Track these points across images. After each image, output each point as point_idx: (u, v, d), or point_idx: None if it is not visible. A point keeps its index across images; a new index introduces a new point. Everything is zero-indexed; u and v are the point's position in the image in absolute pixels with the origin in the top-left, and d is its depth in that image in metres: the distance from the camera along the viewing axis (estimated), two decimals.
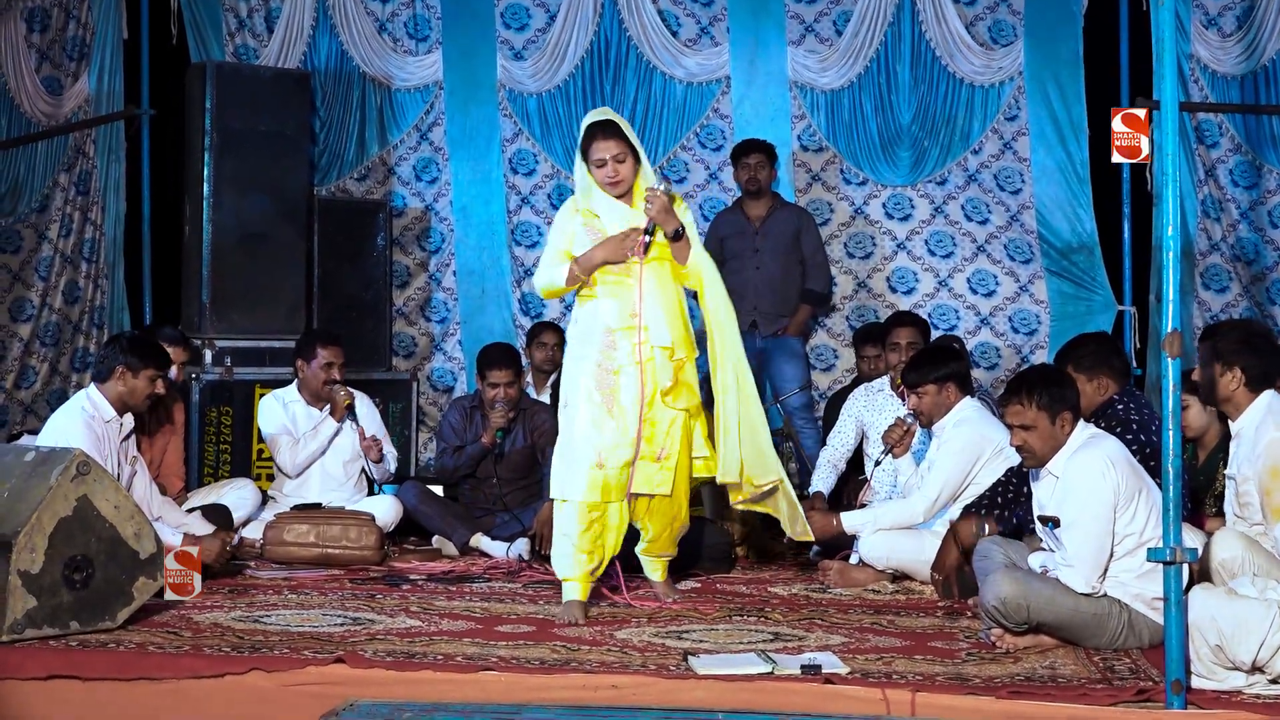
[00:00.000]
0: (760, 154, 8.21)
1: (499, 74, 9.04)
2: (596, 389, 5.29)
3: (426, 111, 9.10)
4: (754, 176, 8.19)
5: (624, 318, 5.32)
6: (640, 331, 5.29)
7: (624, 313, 5.32)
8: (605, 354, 5.31)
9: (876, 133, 8.75)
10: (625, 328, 5.31)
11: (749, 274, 8.14)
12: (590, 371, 5.30)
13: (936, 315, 8.61)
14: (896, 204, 8.80)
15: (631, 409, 5.26)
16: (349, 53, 9.09)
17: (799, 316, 8.22)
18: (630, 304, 5.32)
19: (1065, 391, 4.83)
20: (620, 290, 5.35)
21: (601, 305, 5.36)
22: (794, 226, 8.22)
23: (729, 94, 8.89)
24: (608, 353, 5.31)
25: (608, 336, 5.32)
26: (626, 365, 5.29)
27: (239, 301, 8.04)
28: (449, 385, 9.10)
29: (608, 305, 5.34)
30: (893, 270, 8.77)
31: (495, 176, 9.06)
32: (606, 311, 5.34)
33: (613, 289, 5.36)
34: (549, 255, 5.45)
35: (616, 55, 8.94)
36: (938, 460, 5.98)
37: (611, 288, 5.36)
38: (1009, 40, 8.70)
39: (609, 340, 5.32)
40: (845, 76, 8.77)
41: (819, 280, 8.30)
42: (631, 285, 5.32)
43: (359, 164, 9.10)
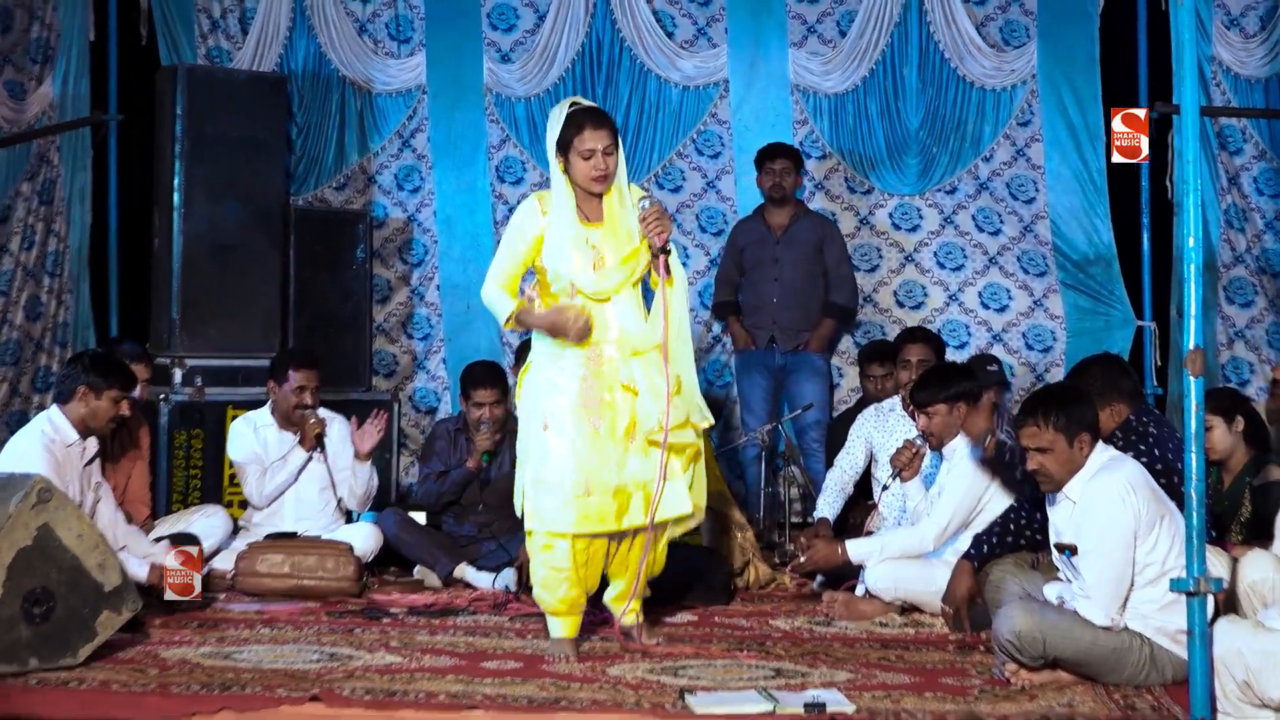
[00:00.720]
0: (786, 159, 8.24)
1: (485, 77, 9.06)
2: (583, 407, 5.17)
3: (409, 117, 9.12)
4: (778, 183, 8.21)
5: (613, 330, 5.20)
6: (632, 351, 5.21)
7: (613, 326, 5.20)
8: (592, 368, 5.20)
9: (883, 139, 8.80)
10: (615, 341, 5.21)
11: (767, 285, 8.19)
12: (574, 389, 5.18)
13: (946, 331, 8.63)
14: (904, 214, 8.82)
15: (626, 432, 5.17)
16: (327, 55, 9.12)
17: (821, 331, 8.22)
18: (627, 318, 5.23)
19: (1083, 411, 4.82)
20: (619, 300, 5.22)
21: (592, 310, 5.21)
22: (817, 236, 8.25)
23: (727, 98, 8.92)
24: (594, 367, 5.20)
25: (595, 349, 5.20)
26: (617, 384, 5.19)
27: (211, 317, 8.02)
28: (432, 406, 9.10)
29: (599, 312, 5.20)
30: (900, 284, 8.79)
31: (481, 185, 9.07)
32: (597, 320, 5.20)
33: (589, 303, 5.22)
34: (498, 268, 5.29)
35: (609, 57, 8.98)
36: (948, 485, 5.96)
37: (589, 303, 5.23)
38: (1021, 41, 8.73)
39: (596, 353, 5.21)
40: (850, 80, 8.81)
41: (843, 293, 8.30)
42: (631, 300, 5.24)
43: (338, 172, 9.11)
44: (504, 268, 5.29)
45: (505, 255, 5.31)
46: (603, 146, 5.14)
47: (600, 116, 5.20)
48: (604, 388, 5.17)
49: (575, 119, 5.16)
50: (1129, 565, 4.63)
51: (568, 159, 5.18)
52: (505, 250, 5.31)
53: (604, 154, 5.14)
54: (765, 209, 8.34)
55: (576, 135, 5.14)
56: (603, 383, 5.17)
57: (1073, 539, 4.72)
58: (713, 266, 8.82)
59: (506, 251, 5.30)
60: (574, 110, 5.20)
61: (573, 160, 5.17)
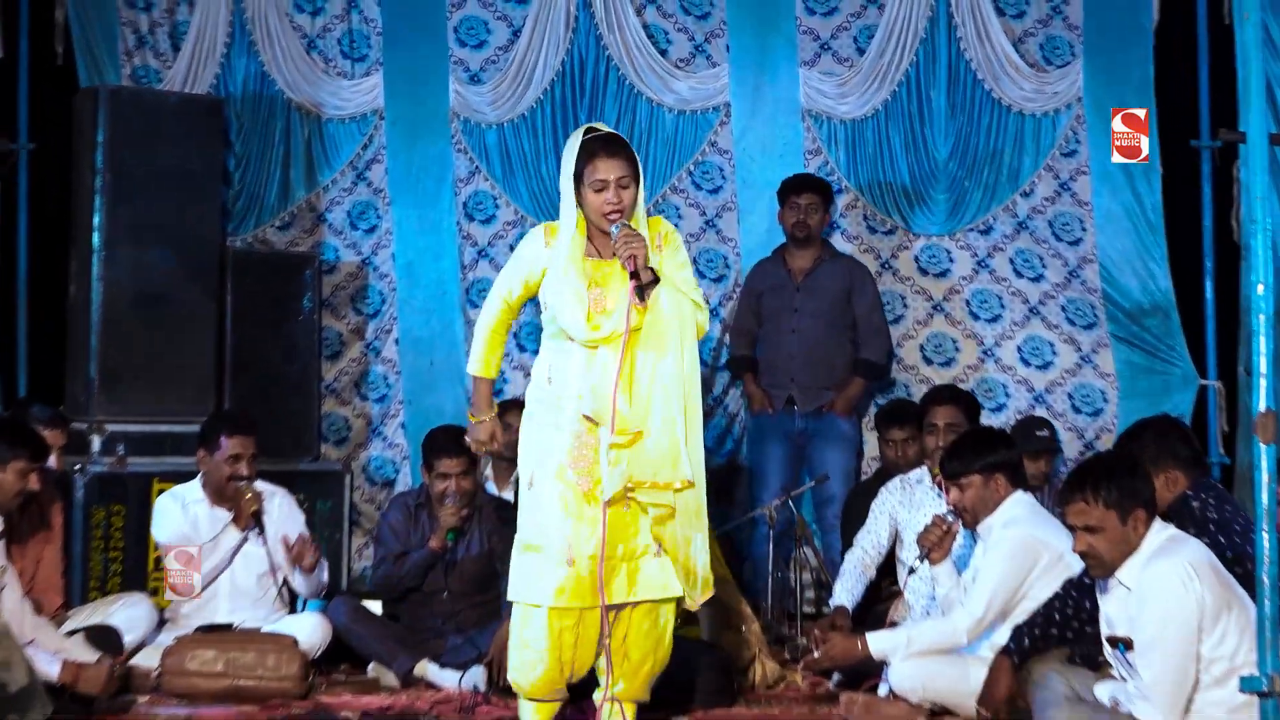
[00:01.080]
0: (814, 194, 8.28)
1: (452, 101, 9.06)
2: (571, 467, 5.22)
3: (364, 146, 9.13)
4: (803, 220, 8.26)
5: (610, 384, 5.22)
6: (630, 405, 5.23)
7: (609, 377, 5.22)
8: (585, 423, 5.25)
9: (907, 171, 8.84)
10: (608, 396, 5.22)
11: (784, 338, 8.24)
12: (565, 445, 5.24)
13: (981, 391, 8.61)
14: (931, 257, 8.87)
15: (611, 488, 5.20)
16: (271, 75, 9.09)
17: (849, 391, 8.23)
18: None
19: (1137, 484, 4.83)
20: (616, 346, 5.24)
21: (574, 360, 5.28)
22: (843, 282, 8.28)
23: (729, 124, 8.96)
24: (588, 423, 5.25)
25: (580, 401, 5.26)
26: (607, 442, 5.20)
27: (134, 376, 8.00)
28: (389, 478, 9.07)
29: (599, 358, 5.25)
30: (927, 337, 8.82)
31: (447, 225, 9.08)
32: (595, 369, 5.25)
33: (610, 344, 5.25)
34: (493, 298, 5.46)
35: (593, 78, 9.00)
36: (984, 568, 5.92)
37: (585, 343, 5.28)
38: (1065, 60, 8.77)
39: (582, 405, 5.26)
40: (869, 104, 8.85)
41: (874, 348, 8.32)
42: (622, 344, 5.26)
43: (282, 209, 9.10)
44: (498, 298, 5.43)
45: (503, 284, 5.44)
46: (616, 178, 5.21)
47: (616, 145, 5.29)
48: (597, 446, 5.21)
49: (589, 147, 5.26)
50: (1192, 661, 4.60)
51: (580, 191, 5.27)
52: (503, 279, 5.44)
53: (618, 186, 5.21)
54: (786, 250, 8.39)
55: (588, 164, 5.24)
56: (597, 440, 5.21)
57: (1128, 631, 4.70)
58: (712, 319, 8.82)
59: (504, 280, 5.43)
60: (590, 138, 5.29)
61: (585, 193, 5.26)
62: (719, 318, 8.86)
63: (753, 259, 8.72)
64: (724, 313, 8.90)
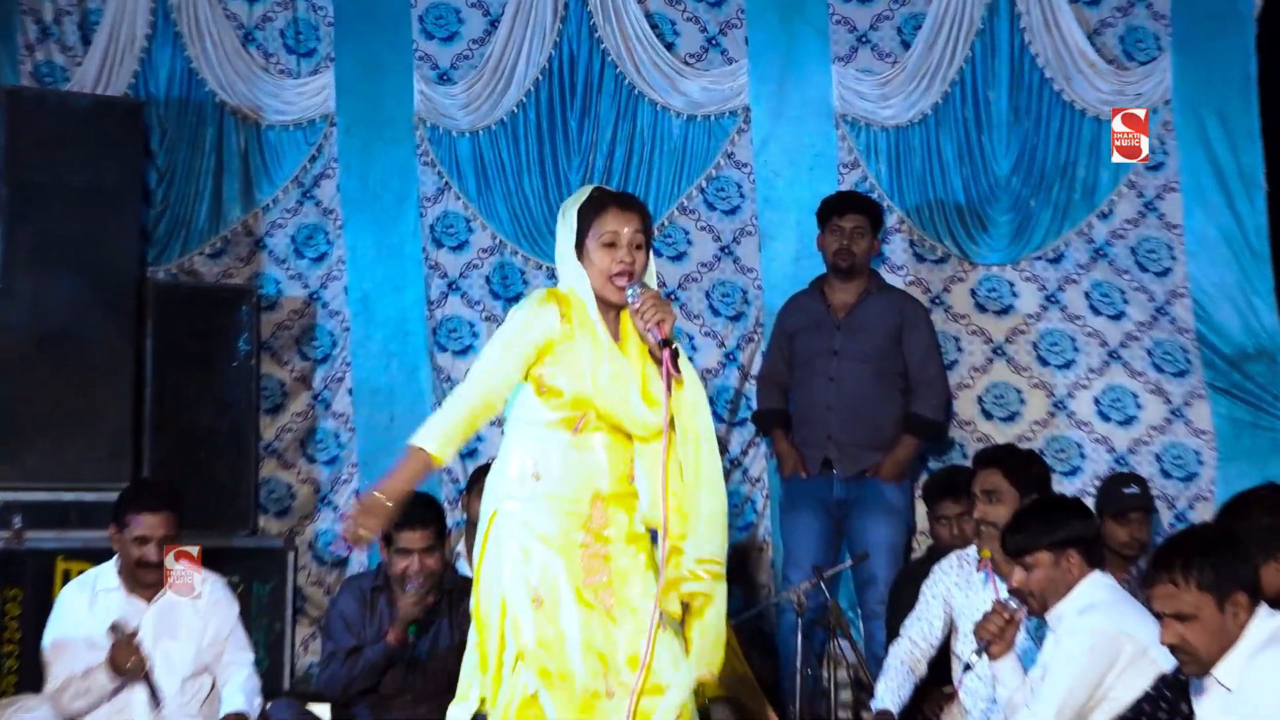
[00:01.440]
0: (860, 215, 8.31)
1: (417, 103, 9.14)
2: (585, 582, 5.24)
3: (311, 158, 9.21)
4: (846, 248, 8.27)
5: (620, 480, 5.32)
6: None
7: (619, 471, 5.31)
8: (591, 528, 5.30)
9: (961, 188, 8.84)
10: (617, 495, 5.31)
11: (821, 386, 8.25)
12: (575, 561, 5.26)
13: (1050, 452, 8.59)
14: (991, 290, 8.84)
15: (643, 608, 5.23)
16: (200, 74, 9.16)
17: (898, 453, 8.22)
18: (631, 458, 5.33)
19: (1238, 562, 4.81)
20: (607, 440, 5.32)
21: (595, 448, 5.32)
22: (892, 321, 8.30)
23: (748, 132, 9.00)
24: (599, 524, 5.31)
25: (592, 508, 5.31)
26: (619, 546, 5.29)
27: (36, 434, 8.04)
28: (341, 557, 9.07)
29: (602, 454, 5.32)
30: (986, 387, 8.79)
31: (410, 251, 9.13)
32: (598, 462, 5.33)
33: (601, 435, 5.32)
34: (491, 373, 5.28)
35: (586, 76, 9.06)
36: (1055, 664, 5.86)
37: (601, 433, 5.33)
38: (1150, 55, 8.77)
39: (599, 508, 5.32)
40: (916, 107, 8.87)
41: (929, 400, 8.33)
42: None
43: (213, 233, 9.16)
44: (499, 376, 5.28)
45: (501, 359, 5.30)
46: (630, 231, 5.29)
47: (630, 200, 5.42)
48: (609, 556, 5.29)
49: (598, 199, 5.38)
50: None
51: (583, 248, 5.33)
52: (501, 352, 5.30)
53: (631, 244, 5.28)
54: (826, 282, 8.41)
55: (597, 217, 5.32)
56: (607, 548, 5.30)
57: None
58: (728, 364, 8.90)
59: (501, 354, 5.30)
60: (598, 193, 5.42)
61: (588, 252, 5.32)
62: (736, 363, 8.93)
63: (776, 293, 8.79)
64: (742, 357, 8.96)
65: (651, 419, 5.24)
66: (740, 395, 8.88)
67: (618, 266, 5.27)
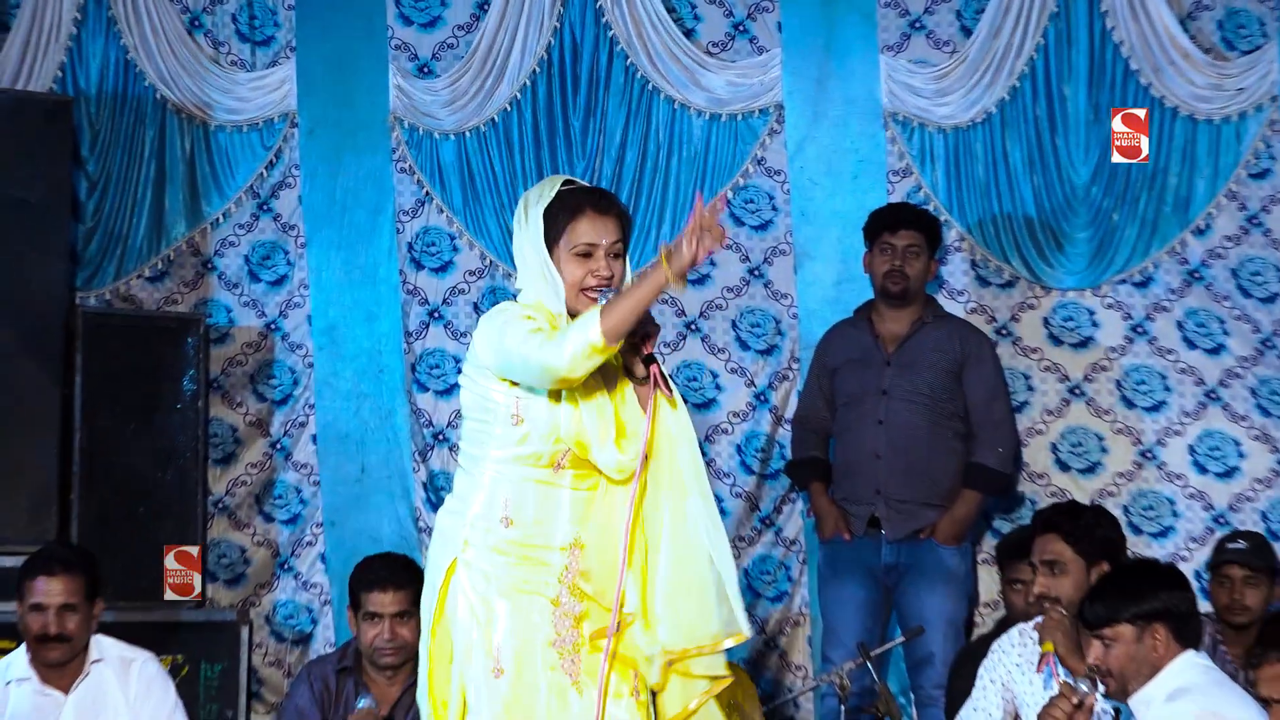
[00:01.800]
0: (914, 231, 8.31)
1: (393, 100, 9.16)
2: (556, 647, 5.26)
3: (269, 164, 9.23)
4: (898, 269, 8.27)
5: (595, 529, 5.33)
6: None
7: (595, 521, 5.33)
8: (567, 581, 5.32)
9: (1032, 199, 8.83)
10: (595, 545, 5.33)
11: (867, 432, 8.23)
12: (545, 615, 5.30)
13: (1138, 509, 8.62)
14: (1067, 319, 8.83)
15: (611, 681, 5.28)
16: (138, 66, 9.17)
17: (958, 510, 8.19)
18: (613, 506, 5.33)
19: None
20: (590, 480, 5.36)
21: (575, 488, 5.35)
22: (952, 355, 8.30)
23: (781, 134, 9.02)
24: (573, 579, 5.32)
25: (569, 557, 5.33)
26: (597, 606, 5.32)
27: None
28: (304, 632, 9.10)
29: (582, 496, 5.35)
30: (1062, 432, 8.79)
31: (385, 274, 9.16)
32: (577, 505, 5.35)
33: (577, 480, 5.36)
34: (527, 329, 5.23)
35: (591, 68, 9.08)
36: None
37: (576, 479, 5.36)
38: (1254, 44, 8.76)
39: (576, 558, 5.34)
40: (978, 105, 8.86)
41: (994, 448, 8.29)
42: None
43: (154, 253, 9.17)
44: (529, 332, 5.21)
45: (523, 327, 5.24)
46: (608, 242, 5.29)
47: (607, 201, 5.39)
48: (584, 615, 5.32)
49: (570, 199, 5.33)
50: None
51: (552, 257, 5.33)
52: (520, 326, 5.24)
53: (609, 254, 5.29)
54: (874, 310, 8.42)
55: (570, 222, 5.30)
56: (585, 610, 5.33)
57: None
58: (759, 407, 8.92)
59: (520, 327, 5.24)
60: (568, 189, 5.37)
61: (559, 259, 5.33)
62: (768, 405, 8.92)
63: (815, 322, 8.79)
64: (774, 398, 8.95)
65: (627, 458, 5.28)
66: (773, 442, 8.88)
67: (593, 280, 5.27)
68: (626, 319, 5.04)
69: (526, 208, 5.37)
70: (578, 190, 5.37)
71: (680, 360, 8.86)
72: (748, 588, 8.69)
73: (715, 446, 8.82)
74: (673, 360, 8.78)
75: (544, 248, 5.30)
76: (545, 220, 5.31)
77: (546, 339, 5.13)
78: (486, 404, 5.33)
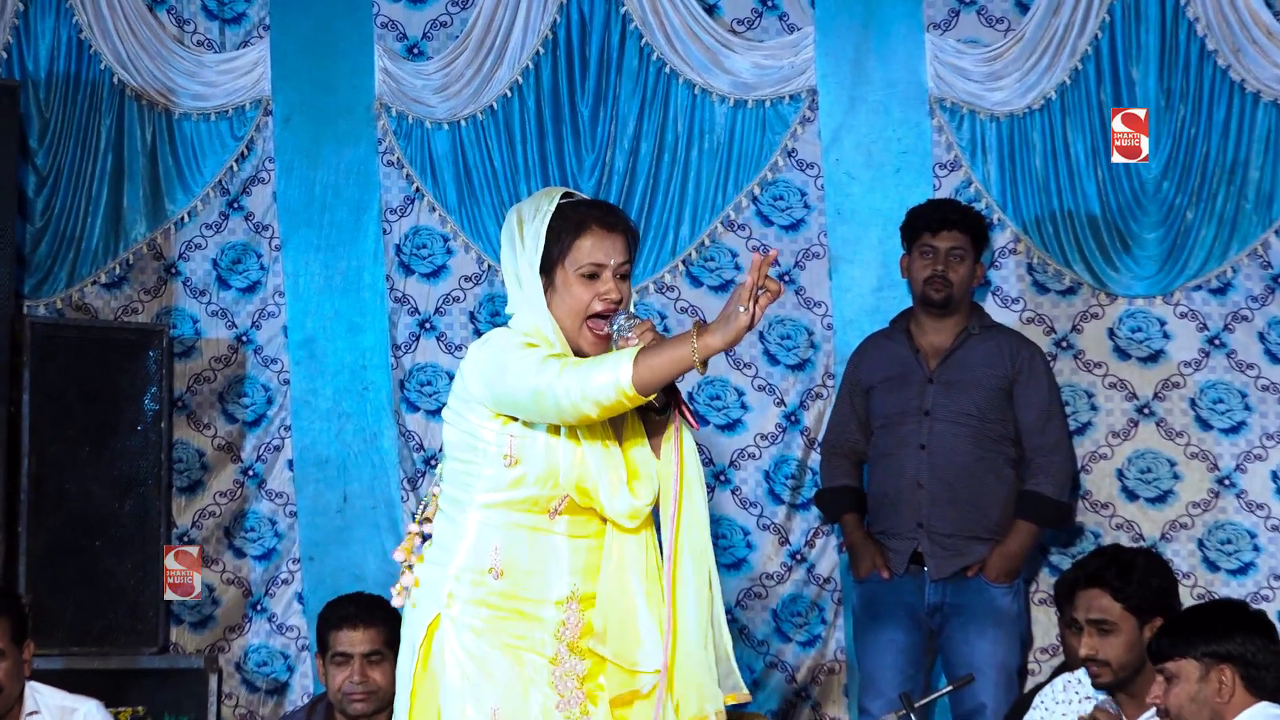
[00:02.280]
0: (958, 232, 8.29)
1: (378, 85, 9.21)
2: (559, 710, 5.23)
3: (240, 157, 9.29)
4: (940, 274, 8.26)
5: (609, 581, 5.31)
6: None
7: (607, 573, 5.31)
8: (565, 638, 5.31)
9: (1095, 195, 8.78)
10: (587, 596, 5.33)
11: (908, 458, 8.22)
12: (543, 677, 5.27)
13: (1215, 544, 8.58)
14: (1135, 330, 8.79)
15: None
16: (93, 47, 9.24)
17: (1010, 544, 8.19)
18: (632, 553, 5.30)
19: None
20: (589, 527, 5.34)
21: (574, 536, 5.33)
22: (1002, 370, 8.30)
23: (814, 123, 9.02)
24: (572, 632, 5.31)
25: (566, 612, 5.32)
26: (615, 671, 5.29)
27: None
28: (279, 680, 9.15)
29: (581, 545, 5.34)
30: (1130, 457, 8.76)
31: (371, 280, 9.21)
32: (576, 554, 5.34)
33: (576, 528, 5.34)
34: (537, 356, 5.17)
35: (602, 49, 9.11)
36: None
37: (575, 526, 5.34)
38: None
39: (574, 613, 5.33)
40: (1036, 89, 8.83)
41: (1050, 474, 8.28)
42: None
43: (111, 256, 9.26)
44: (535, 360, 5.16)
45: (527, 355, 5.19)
46: (616, 262, 5.23)
47: (614, 216, 5.32)
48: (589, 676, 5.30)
49: (572, 214, 5.25)
50: None
51: (552, 279, 5.26)
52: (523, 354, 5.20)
53: (617, 275, 5.23)
54: (914, 320, 8.41)
55: (574, 239, 5.22)
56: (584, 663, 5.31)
57: None
58: (790, 429, 8.93)
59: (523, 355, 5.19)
60: (569, 202, 5.29)
61: (563, 281, 5.24)
62: (799, 427, 8.94)
63: (852, 333, 8.78)
64: (806, 418, 8.95)
65: (641, 504, 5.24)
66: (805, 468, 8.91)
67: (599, 304, 5.21)
68: (660, 375, 5.00)
69: (520, 224, 5.25)
70: (580, 204, 5.30)
71: (701, 376, 8.80)
72: (776, 630, 8.74)
73: (741, 473, 8.86)
74: (691, 376, 8.71)
75: (537, 267, 5.21)
76: (548, 238, 5.22)
77: (565, 367, 5.07)
78: (474, 442, 5.28)
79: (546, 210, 5.23)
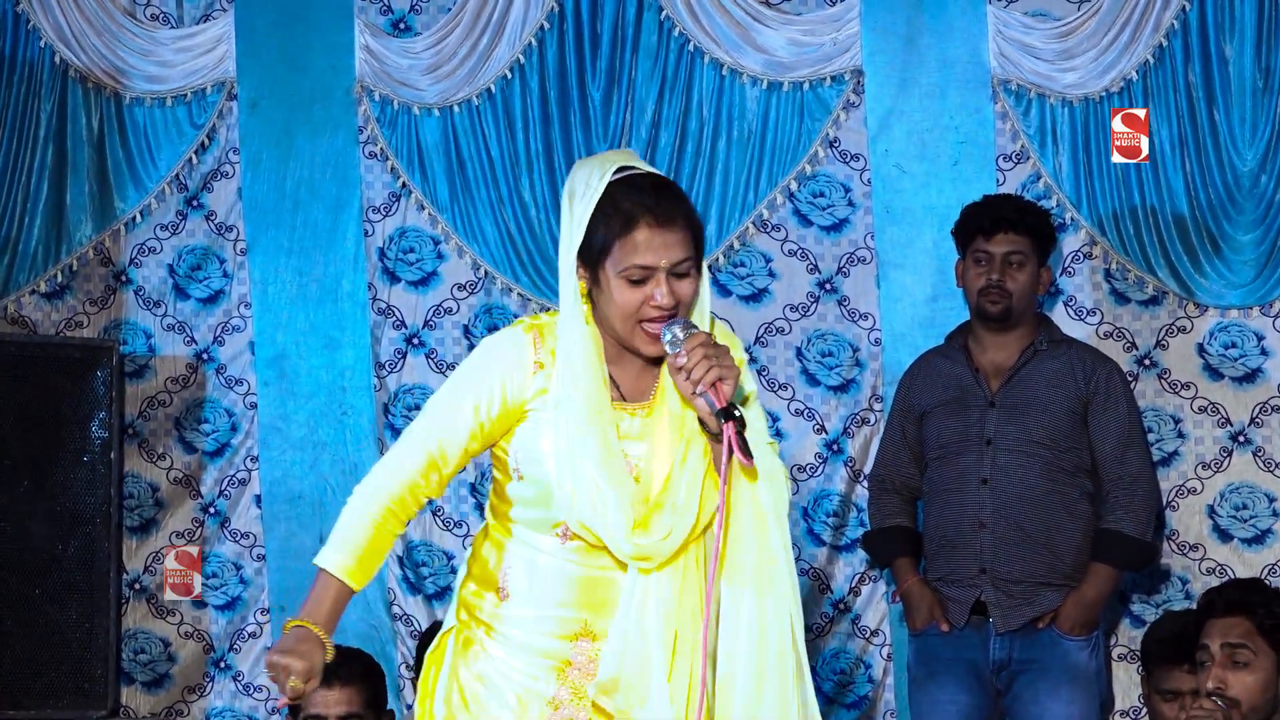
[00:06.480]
0: (1018, 235, 8.08)
1: (359, 65, 9.17)
2: None
3: (200, 148, 9.25)
4: (996, 283, 8.10)
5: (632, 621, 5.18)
6: None
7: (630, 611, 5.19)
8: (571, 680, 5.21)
9: (1183, 191, 8.67)
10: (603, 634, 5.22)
11: (970, 494, 8.09)
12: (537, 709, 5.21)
13: None
14: (1229, 346, 8.68)
15: None
16: (33, 23, 9.27)
17: (1087, 591, 8.01)
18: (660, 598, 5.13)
19: None
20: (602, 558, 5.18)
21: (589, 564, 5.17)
22: (1074, 392, 8.11)
23: (860, 107, 8.94)
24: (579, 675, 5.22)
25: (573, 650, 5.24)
26: None
27: None
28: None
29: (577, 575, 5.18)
30: (1221, 491, 8.65)
31: (351, 288, 9.19)
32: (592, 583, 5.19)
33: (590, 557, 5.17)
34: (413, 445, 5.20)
35: (616, 23, 9.04)
36: None
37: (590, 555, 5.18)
38: None
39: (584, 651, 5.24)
40: (1115, 70, 8.70)
41: (1131, 511, 8.08)
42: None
43: (52, 261, 9.26)
44: (420, 449, 5.17)
45: (434, 424, 5.19)
46: (671, 262, 4.99)
47: (671, 202, 5.07)
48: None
49: (623, 200, 5.03)
50: None
51: (596, 274, 5.06)
52: (437, 412, 5.20)
53: (672, 275, 5.00)
54: (971, 335, 8.28)
55: (618, 236, 5.00)
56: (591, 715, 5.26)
57: None
58: (831, 459, 8.88)
59: (438, 416, 5.19)
60: (623, 179, 5.05)
61: (606, 281, 5.05)
62: (843, 456, 8.90)
63: (903, 349, 8.74)
64: (851, 447, 8.92)
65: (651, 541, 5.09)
66: (849, 504, 8.87)
67: (652, 311, 5.02)
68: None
69: (572, 197, 5.07)
70: (635, 185, 5.04)
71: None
72: (817, 691, 8.40)
73: None
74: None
75: (576, 250, 5.06)
76: (590, 224, 5.03)
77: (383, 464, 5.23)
78: (497, 450, 5.23)
79: (596, 189, 5.02)
